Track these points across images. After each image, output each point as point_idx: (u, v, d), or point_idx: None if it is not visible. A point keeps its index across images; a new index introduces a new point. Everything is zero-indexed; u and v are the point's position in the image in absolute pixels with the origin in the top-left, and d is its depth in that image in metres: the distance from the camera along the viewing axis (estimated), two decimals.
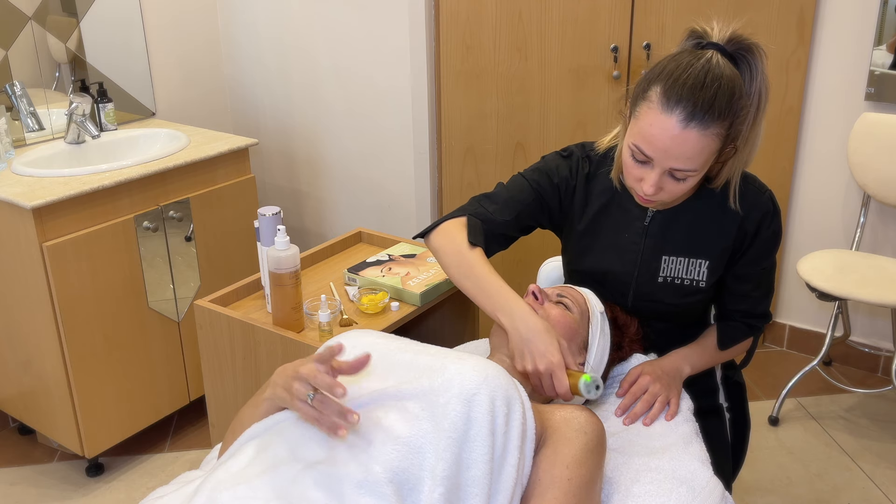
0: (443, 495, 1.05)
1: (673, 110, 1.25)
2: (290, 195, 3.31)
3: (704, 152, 1.27)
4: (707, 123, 1.25)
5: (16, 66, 2.50)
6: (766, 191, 1.47)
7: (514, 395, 1.15)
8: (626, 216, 1.51)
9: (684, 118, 1.25)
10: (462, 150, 2.85)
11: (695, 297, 1.50)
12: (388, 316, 1.84)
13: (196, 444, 2.56)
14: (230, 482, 1.08)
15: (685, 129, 1.25)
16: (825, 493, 2.27)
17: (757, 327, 1.57)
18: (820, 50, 2.65)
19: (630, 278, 1.51)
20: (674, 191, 1.34)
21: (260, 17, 3.09)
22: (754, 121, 1.34)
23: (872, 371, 2.87)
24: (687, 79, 1.26)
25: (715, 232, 1.46)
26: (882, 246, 2.73)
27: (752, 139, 1.36)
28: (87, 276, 2.19)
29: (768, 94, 1.34)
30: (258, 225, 1.82)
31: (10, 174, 2.27)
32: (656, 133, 1.27)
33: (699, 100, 1.24)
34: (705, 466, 1.31)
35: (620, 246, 1.51)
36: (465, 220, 1.56)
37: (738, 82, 1.29)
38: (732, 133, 1.30)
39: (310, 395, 1.09)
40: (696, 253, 1.47)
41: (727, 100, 1.26)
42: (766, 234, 1.47)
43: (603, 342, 1.44)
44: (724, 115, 1.26)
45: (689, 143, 1.26)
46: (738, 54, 1.32)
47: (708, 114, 1.24)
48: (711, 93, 1.24)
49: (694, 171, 1.29)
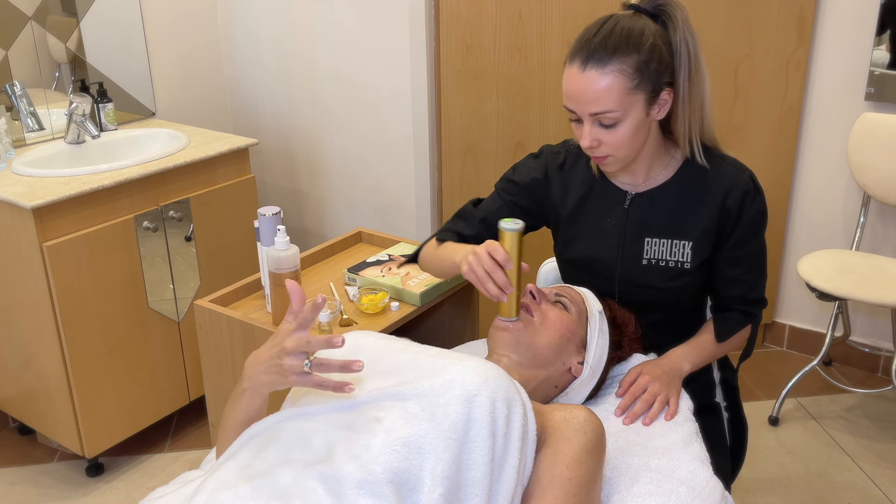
0: (442, 496, 1.05)
1: (574, 61, 1.38)
2: (290, 195, 3.31)
3: (613, 90, 1.35)
4: (604, 61, 1.34)
5: (16, 66, 2.50)
6: (747, 170, 1.50)
7: (514, 396, 1.15)
8: (607, 202, 1.55)
9: (581, 62, 1.36)
10: (462, 150, 2.85)
11: (682, 280, 1.51)
12: (388, 316, 1.84)
13: (196, 444, 2.56)
14: (230, 482, 1.08)
15: (585, 72, 1.36)
16: (825, 493, 2.27)
17: (753, 314, 1.57)
18: (820, 50, 2.65)
19: (615, 263, 1.54)
20: (613, 141, 1.40)
21: (260, 18, 3.09)
22: (694, 69, 1.40)
23: (872, 371, 2.87)
24: (585, 34, 1.39)
25: (696, 212, 1.49)
26: (882, 246, 2.73)
27: (695, 91, 1.42)
28: (87, 276, 2.19)
29: (697, 43, 1.40)
30: (258, 225, 1.82)
31: (10, 174, 2.27)
32: (567, 86, 1.39)
33: (591, 43, 1.37)
34: (705, 466, 1.31)
35: (603, 231, 1.55)
36: (434, 239, 1.68)
37: (641, 25, 1.37)
38: (649, 72, 1.36)
39: (306, 363, 1.08)
40: (678, 234, 1.50)
41: (623, 38, 1.35)
42: (750, 213, 1.48)
43: (602, 341, 1.44)
44: (621, 51, 1.34)
45: (592, 83, 1.35)
46: (657, 11, 1.41)
47: (601, 52, 1.35)
48: (603, 35, 1.36)
49: (612, 110, 1.36)
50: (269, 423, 1.17)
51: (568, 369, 1.41)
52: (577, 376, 1.42)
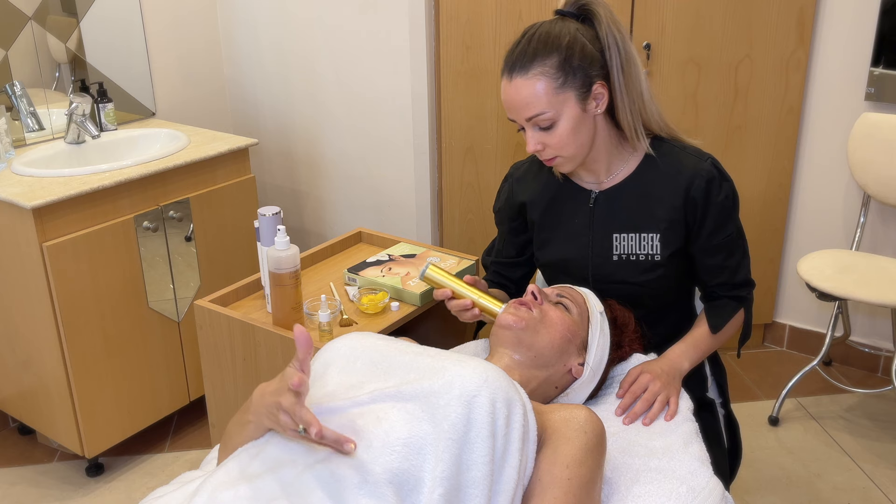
0: (442, 496, 1.05)
1: (503, 73, 1.45)
2: (290, 195, 3.31)
3: (540, 92, 1.40)
4: (526, 67, 1.40)
5: (16, 66, 2.50)
6: (708, 158, 1.51)
7: (514, 396, 1.15)
8: (573, 203, 1.59)
9: (508, 73, 1.43)
10: (462, 150, 2.85)
11: (655, 272, 1.53)
12: (388, 316, 1.84)
13: (196, 444, 2.56)
14: (231, 482, 1.08)
15: (512, 81, 1.42)
16: (825, 493, 2.27)
17: (743, 297, 1.58)
18: (820, 50, 2.65)
19: (586, 261, 1.57)
20: (555, 141, 1.44)
21: (260, 18, 3.09)
22: (626, 60, 1.44)
23: (872, 371, 2.87)
24: (511, 47, 1.45)
25: (660, 204, 1.51)
26: (882, 246, 2.73)
27: (631, 83, 1.45)
28: (87, 276, 2.19)
29: (625, 35, 1.45)
30: (258, 225, 1.82)
31: (10, 174, 2.27)
32: (502, 98, 1.46)
33: (514, 53, 1.43)
34: (705, 466, 1.31)
35: (573, 232, 1.58)
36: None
37: (559, 27, 1.42)
38: (573, 68, 1.40)
39: (300, 428, 1.05)
40: (644, 227, 1.52)
41: (541, 42, 1.41)
42: (719, 199, 1.49)
43: (602, 342, 1.44)
44: (541, 54, 1.40)
45: (520, 90, 1.41)
46: (580, 11, 1.46)
47: (522, 59, 1.41)
48: (523, 44, 1.42)
49: (543, 112, 1.41)
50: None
51: (569, 370, 1.41)
52: (577, 377, 1.42)
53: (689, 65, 2.65)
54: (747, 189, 2.79)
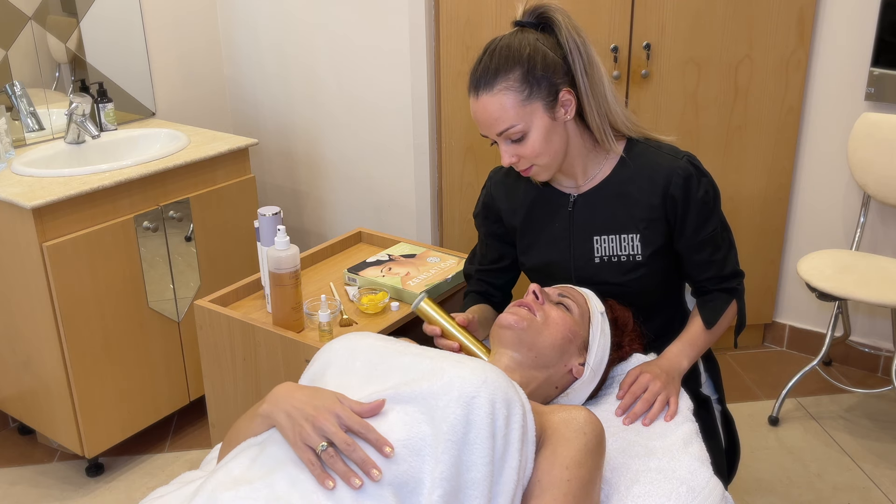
0: (442, 497, 1.05)
1: (470, 92, 1.45)
2: (290, 195, 3.31)
3: (507, 107, 1.41)
4: (490, 84, 1.41)
5: (16, 66, 2.50)
6: (684, 155, 1.51)
7: (513, 397, 1.15)
8: (552, 207, 1.59)
9: (474, 91, 1.44)
10: (462, 150, 2.85)
11: (638, 272, 1.53)
12: (388, 316, 1.84)
13: (196, 444, 2.56)
14: (231, 483, 1.08)
15: (479, 99, 1.43)
16: (825, 493, 2.27)
17: (733, 288, 1.59)
18: (820, 50, 2.65)
19: (569, 265, 1.58)
20: (528, 152, 1.45)
21: (260, 18, 3.09)
22: (588, 63, 1.44)
23: (872, 371, 2.87)
24: (474, 64, 1.45)
25: (638, 205, 1.51)
26: (882, 246, 2.73)
27: (595, 85, 1.45)
28: (87, 276, 2.19)
29: (585, 38, 1.45)
30: (258, 225, 1.82)
31: (10, 174, 2.27)
32: (472, 116, 1.47)
33: (478, 71, 1.44)
34: (705, 466, 1.31)
35: (554, 235, 1.59)
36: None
37: (518, 39, 1.43)
38: (537, 79, 1.40)
39: (322, 445, 1.06)
40: (624, 228, 1.53)
41: (502, 56, 1.41)
42: (699, 196, 1.49)
43: (603, 342, 1.44)
44: (503, 69, 1.40)
45: (488, 106, 1.42)
46: (539, 20, 1.46)
47: (486, 76, 1.42)
48: (485, 61, 1.43)
49: (514, 125, 1.42)
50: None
51: (569, 370, 1.41)
52: (578, 378, 1.42)
53: (689, 65, 2.65)
54: (747, 189, 2.79)
